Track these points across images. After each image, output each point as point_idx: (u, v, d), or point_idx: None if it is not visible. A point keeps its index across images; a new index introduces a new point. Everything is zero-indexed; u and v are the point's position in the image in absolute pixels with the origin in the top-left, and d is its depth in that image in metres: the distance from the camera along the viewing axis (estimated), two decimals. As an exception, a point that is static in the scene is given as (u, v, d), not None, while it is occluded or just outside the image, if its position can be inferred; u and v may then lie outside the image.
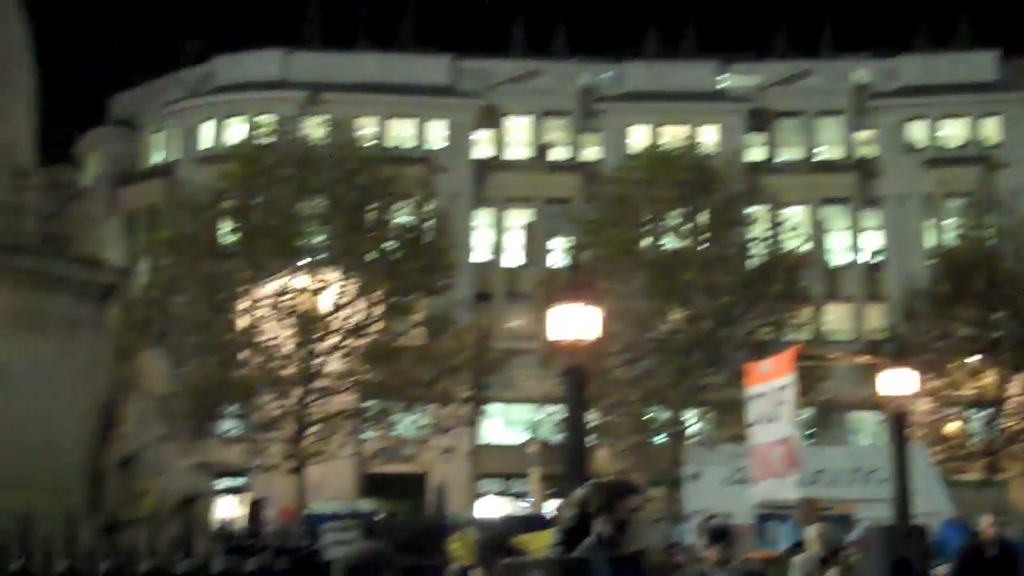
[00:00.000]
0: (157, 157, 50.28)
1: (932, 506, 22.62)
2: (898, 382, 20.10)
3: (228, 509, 35.09)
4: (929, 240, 45.75)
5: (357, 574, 5.09)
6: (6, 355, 9.24)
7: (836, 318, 45.02)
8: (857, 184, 47.91)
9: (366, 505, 31.14)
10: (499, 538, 8.05)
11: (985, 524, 11.60)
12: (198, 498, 9.91)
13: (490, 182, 48.04)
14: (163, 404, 10.68)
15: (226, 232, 34.09)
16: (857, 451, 32.97)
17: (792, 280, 33.43)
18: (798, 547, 17.18)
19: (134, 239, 47.61)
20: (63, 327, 9.74)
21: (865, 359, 29.99)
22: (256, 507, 29.13)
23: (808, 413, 31.10)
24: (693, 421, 32.79)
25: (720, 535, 10.25)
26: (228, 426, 35.00)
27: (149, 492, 9.70)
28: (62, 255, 9.59)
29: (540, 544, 9.00)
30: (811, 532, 16.45)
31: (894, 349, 22.79)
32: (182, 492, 9.86)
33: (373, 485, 38.79)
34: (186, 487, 9.93)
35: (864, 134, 49.26)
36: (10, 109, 9.70)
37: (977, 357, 37.24)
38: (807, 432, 30.35)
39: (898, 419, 19.68)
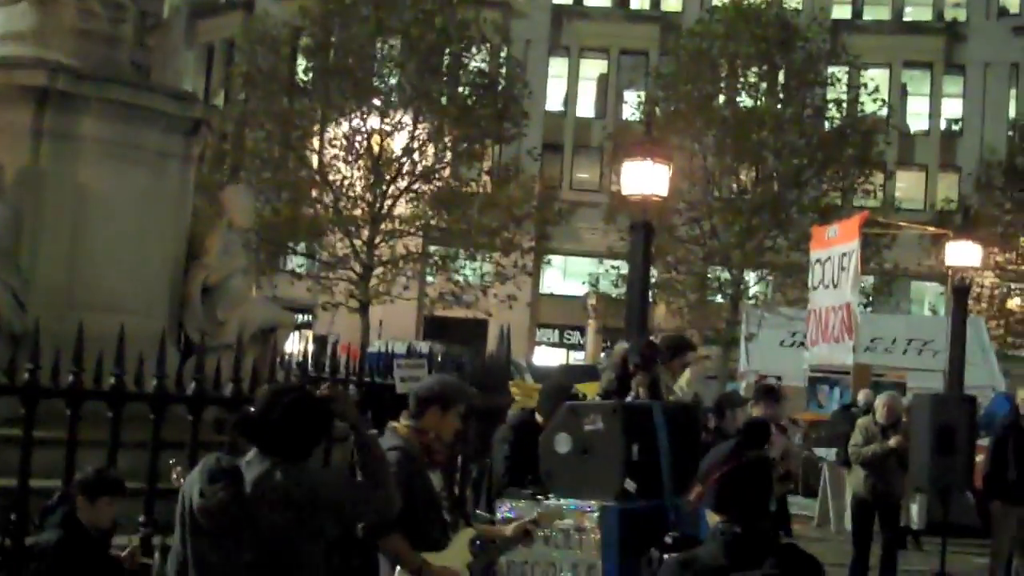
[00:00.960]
0: (235, -10, 50.07)
1: (985, 379, 22.86)
2: (963, 254, 20.16)
3: (292, 344, 36.07)
4: (1011, 111, 44.79)
5: (437, 401, 5.52)
6: (101, 183, 9.64)
7: (907, 185, 44.46)
8: (943, 48, 46.68)
9: (427, 346, 31.87)
10: (562, 386, 8.45)
11: (1023, 397, 11.73)
12: (277, 328, 10.40)
13: (567, 30, 47.47)
14: (244, 237, 11.09)
15: (302, 70, 34.27)
16: (914, 321, 33.04)
17: (866, 145, 33.02)
18: (847, 410, 17.63)
19: (211, 72, 48.08)
20: (154, 159, 10.08)
21: (932, 229, 29.82)
22: (323, 342, 29.98)
23: (870, 281, 31.14)
24: (754, 282, 32.99)
25: (766, 392, 10.65)
26: (296, 263, 35.78)
27: (230, 320, 10.17)
28: (153, 88, 9.85)
29: (594, 394, 9.42)
30: (866, 397, 16.84)
31: (962, 220, 22.71)
32: (262, 322, 10.33)
33: (434, 328, 39.64)
34: (266, 317, 10.41)
35: (954, -4, 47.77)
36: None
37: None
38: (867, 299, 30.45)
39: (960, 291, 19.82)
